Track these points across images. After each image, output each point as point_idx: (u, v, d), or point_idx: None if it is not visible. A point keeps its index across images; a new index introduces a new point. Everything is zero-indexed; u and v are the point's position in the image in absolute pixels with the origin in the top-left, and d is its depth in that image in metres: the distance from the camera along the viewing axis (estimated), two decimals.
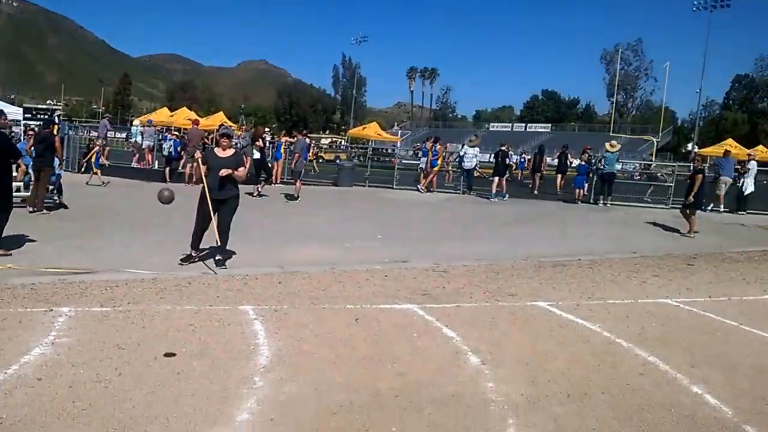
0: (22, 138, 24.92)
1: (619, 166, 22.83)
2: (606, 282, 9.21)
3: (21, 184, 13.68)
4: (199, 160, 9.30)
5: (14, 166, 10.78)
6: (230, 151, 9.17)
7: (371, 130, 50.28)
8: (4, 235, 9.23)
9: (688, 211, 14.52)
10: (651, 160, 49.86)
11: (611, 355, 5.89)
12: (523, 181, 31.98)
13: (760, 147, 49.25)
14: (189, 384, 4.82)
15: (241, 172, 9.02)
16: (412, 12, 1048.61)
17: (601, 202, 20.78)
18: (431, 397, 4.70)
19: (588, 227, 15.52)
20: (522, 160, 37.75)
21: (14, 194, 10.13)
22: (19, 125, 27.81)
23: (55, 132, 15.19)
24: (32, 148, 13.83)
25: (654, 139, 67.38)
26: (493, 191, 21.08)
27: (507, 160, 22.88)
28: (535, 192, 24.64)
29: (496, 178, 21.22)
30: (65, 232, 11.36)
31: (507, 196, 21.35)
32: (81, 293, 7.21)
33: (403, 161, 32.65)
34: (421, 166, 23.75)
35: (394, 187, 23.74)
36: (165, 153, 23.56)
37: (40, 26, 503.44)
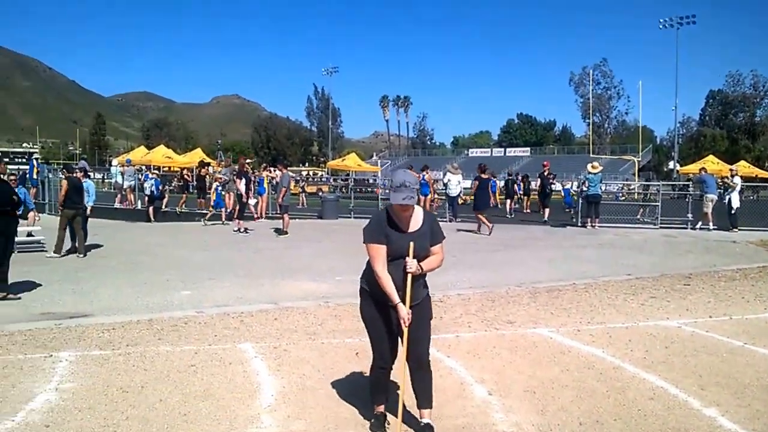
0: None
1: (603, 187, 23.16)
2: (604, 306, 9.31)
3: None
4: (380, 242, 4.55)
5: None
6: (418, 216, 4.62)
7: (351, 161, 50.68)
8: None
9: None
10: (634, 180, 50.44)
11: (618, 381, 5.95)
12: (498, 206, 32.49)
13: (742, 162, 50.07)
14: (196, 426, 4.84)
15: (436, 259, 4.66)
16: (381, 41, 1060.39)
17: (589, 224, 21.00)
18: (441, 429, 4.75)
19: (578, 250, 15.68)
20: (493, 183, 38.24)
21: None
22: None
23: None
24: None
25: (635, 159, 68.09)
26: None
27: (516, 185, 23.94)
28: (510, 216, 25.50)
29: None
30: (57, 275, 11.31)
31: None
32: (79, 337, 7.21)
33: (386, 192, 32.82)
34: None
35: None
36: (147, 192, 23.57)
37: (8, 68, 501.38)
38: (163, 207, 24.16)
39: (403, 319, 4.40)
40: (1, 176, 9.53)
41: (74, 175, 14.50)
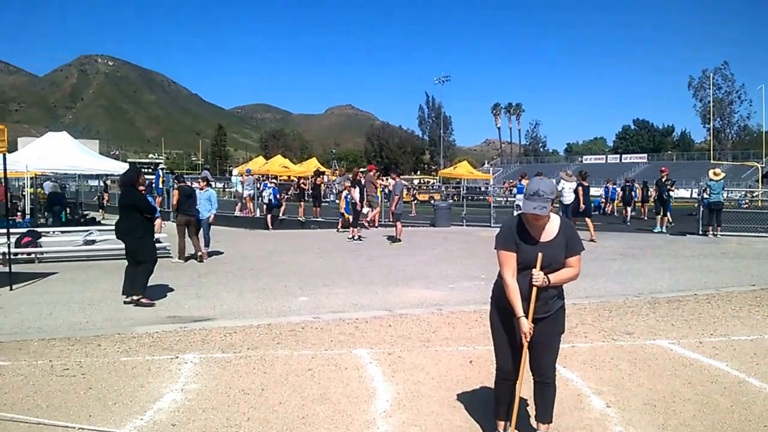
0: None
1: (726, 195, 22.03)
2: (727, 317, 8.81)
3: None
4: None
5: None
6: (553, 226, 4.42)
7: (463, 169, 50.32)
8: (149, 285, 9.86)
9: None
10: (757, 187, 47.58)
11: (743, 395, 5.62)
12: (614, 214, 31.49)
13: None
14: (315, 429, 4.91)
15: (569, 272, 4.39)
16: (493, 49, 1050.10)
17: (711, 233, 19.99)
18: None
19: (700, 260, 14.92)
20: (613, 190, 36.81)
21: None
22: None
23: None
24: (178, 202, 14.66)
25: (758, 165, 64.36)
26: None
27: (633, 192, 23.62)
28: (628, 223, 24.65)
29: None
30: (182, 280, 11.84)
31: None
32: (203, 340, 7.50)
33: (497, 198, 32.43)
34: (517, 203, 23.56)
35: (492, 225, 23.62)
36: (265, 200, 24.32)
37: (135, 83, 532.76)
38: (281, 215, 24.86)
39: (524, 333, 4.25)
40: (141, 187, 10.18)
41: (184, 184, 15.16)
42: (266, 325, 8.24)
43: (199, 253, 14.41)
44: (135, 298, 9.62)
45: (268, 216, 23.47)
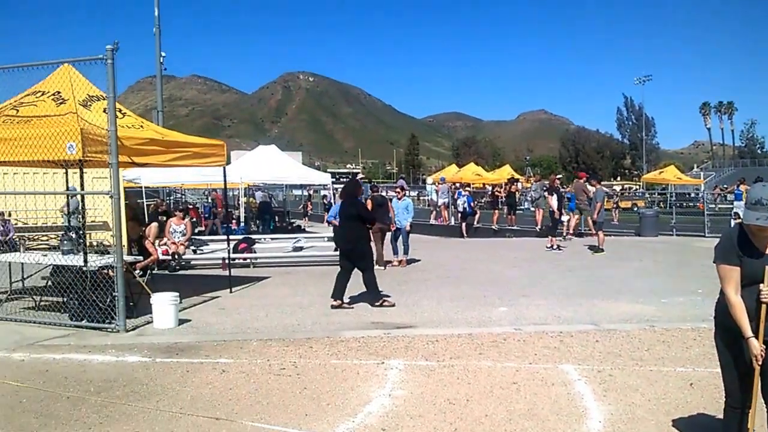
0: (333, 202, 27.59)
1: None
2: None
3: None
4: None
5: None
6: None
7: (669, 174, 47.26)
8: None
9: None
10: None
11: None
12: None
13: None
14: None
15: None
16: (698, 44, 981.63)
17: None
18: None
19: None
20: None
21: None
22: (328, 189, 30.83)
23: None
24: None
25: None
26: None
27: None
28: None
29: None
30: (382, 287, 12.11)
31: None
32: (406, 347, 7.62)
33: (710, 205, 30.07)
34: (735, 210, 21.78)
35: (707, 235, 21.93)
36: (460, 209, 24.41)
37: (333, 97, 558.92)
38: (475, 223, 24.86)
39: (755, 356, 3.82)
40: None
41: (377, 193, 15.55)
42: (467, 334, 8.20)
43: (380, 261, 14.61)
44: (376, 304, 10.12)
45: (463, 224, 23.54)
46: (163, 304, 8.75)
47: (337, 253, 15.96)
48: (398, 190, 16.27)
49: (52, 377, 6.53)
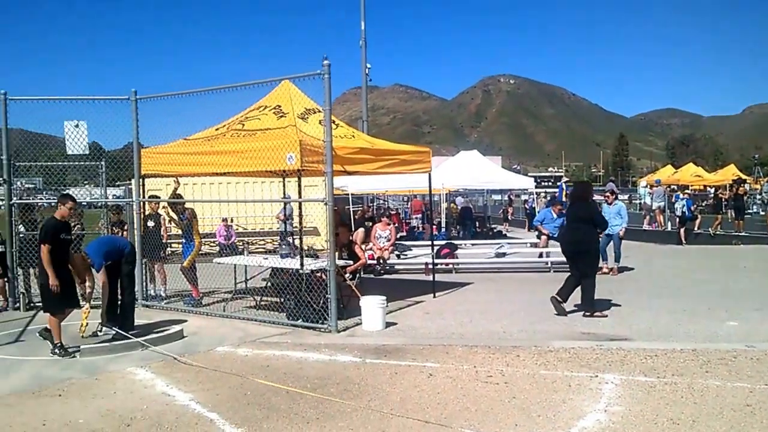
0: (534, 206, 27.06)
1: None
2: None
3: None
4: None
5: None
6: None
7: None
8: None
9: None
10: None
11: None
12: None
13: None
14: None
15: None
16: None
17: None
18: None
19: None
20: None
21: None
22: (530, 193, 30.28)
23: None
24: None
25: None
26: None
27: None
28: None
29: None
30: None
31: None
32: (621, 361, 7.18)
33: None
34: None
35: None
36: (678, 213, 22.82)
37: (535, 98, 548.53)
38: (695, 228, 23.13)
39: None
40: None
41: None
42: (691, 350, 7.56)
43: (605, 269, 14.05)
44: (587, 313, 9.76)
45: (681, 230, 21.95)
46: (372, 307, 9.01)
47: (541, 259, 15.72)
48: (608, 194, 15.53)
49: (272, 372, 6.93)
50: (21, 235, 11.41)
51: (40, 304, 11.01)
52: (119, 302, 8.87)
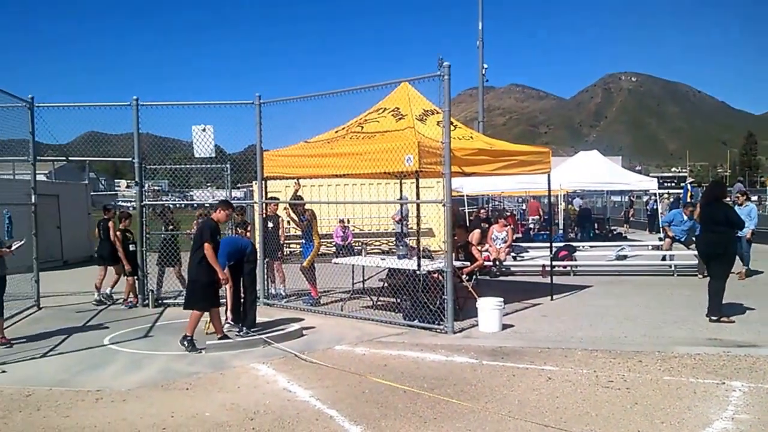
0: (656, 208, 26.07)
1: None
2: None
3: None
4: None
5: None
6: None
7: None
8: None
9: None
10: None
11: None
12: None
13: None
14: None
15: None
16: None
17: None
18: None
19: None
20: None
21: None
22: (652, 195, 29.15)
23: None
24: None
25: None
26: None
27: None
28: None
29: None
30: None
31: None
32: (749, 368, 6.89)
33: None
34: None
35: None
36: None
37: (658, 96, 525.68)
38: None
39: None
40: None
41: None
42: None
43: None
44: (713, 318, 9.44)
45: None
46: (488, 308, 9.01)
47: (664, 263, 15.14)
48: (739, 195, 14.78)
49: (389, 371, 7.08)
50: (163, 236, 12.21)
51: (169, 301, 11.88)
52: (242, 300, 9.28)
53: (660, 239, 20.32)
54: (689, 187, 31.58)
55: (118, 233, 12.03)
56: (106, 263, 12.37)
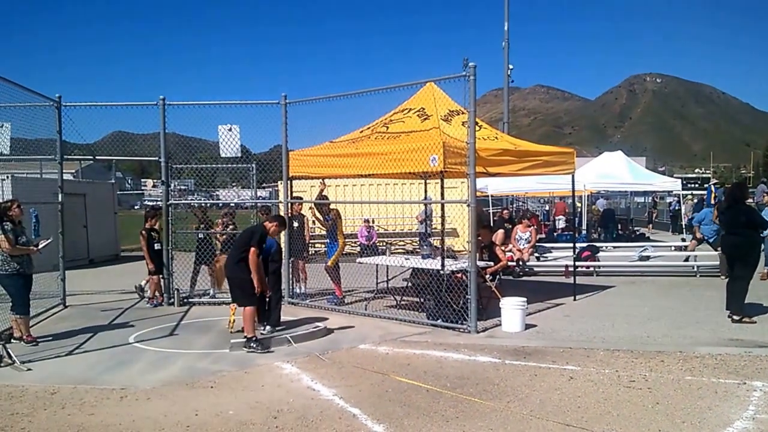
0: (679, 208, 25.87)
1: None
2: None
3: None
4: None
5: None
6: None
7: None
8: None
9: None
10: None
11: None
12: None
13: None
14: None
15: None
16: None
17: None
18: None
19: None
20: None
21: None
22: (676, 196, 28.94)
23: None
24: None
25: None
26: None
27: None
28: None
29: None
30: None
31: None
32: None
33: None
34: None
35: None
36: None
37: (682, 97, 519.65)
38: None
39: None
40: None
41: None
42: None
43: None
44: (735, 317, 9.43)
45: None
46: (512, 308, 9.07)
47: (688, 263, 15.07)
48: (765, 195, 14.66)
49: (412, 370, 7.16)
50: (200, 235, 12.42)
51: (195, 300, 12.03)
52: (266, 299, 9.35)
53: (683, 239, 20.21)
54: (713, 188, 31.22)
55: (143, 232, 12.15)
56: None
